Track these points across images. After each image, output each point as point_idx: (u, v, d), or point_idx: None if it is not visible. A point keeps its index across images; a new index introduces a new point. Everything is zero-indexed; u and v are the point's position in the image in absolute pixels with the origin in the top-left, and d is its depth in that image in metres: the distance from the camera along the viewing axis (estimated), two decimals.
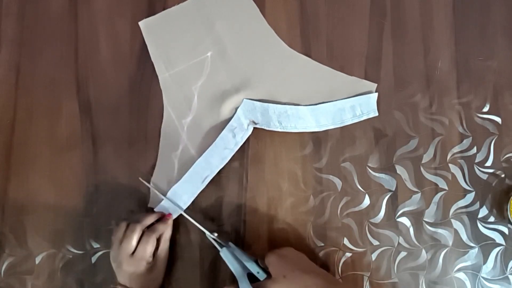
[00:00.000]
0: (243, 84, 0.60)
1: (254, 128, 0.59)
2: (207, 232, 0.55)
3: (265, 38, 0.61)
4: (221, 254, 0.54)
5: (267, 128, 0.59)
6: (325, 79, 0.60)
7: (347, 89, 0.60)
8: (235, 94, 0.60)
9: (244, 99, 0.59)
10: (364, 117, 0.59)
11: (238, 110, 0.59)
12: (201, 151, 0.59)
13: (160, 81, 0.61)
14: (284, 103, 0.60)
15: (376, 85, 0.60)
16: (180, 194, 0.58)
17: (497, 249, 0.58)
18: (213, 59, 0.61)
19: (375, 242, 0.58)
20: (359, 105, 0.59)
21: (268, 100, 0.60)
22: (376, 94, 0.60)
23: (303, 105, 0.59)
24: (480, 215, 0.58)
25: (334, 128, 0.60)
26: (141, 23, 0.62)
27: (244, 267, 0.53)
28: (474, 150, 0.59)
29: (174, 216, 0.58)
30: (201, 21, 0.62)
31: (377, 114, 0.59)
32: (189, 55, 0.61)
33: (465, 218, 0.58)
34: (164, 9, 0.62)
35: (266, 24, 0.61)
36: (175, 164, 0.59)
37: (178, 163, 0.59)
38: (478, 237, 0.58)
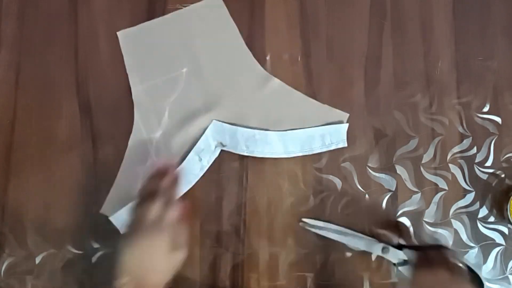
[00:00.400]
0: (215, 104, 0.60)
1: None
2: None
3: (242, 60, 0.61)
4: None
5: (234, 151, 0.58)
6: (298, 105, 0.60)
7: (319, 117, 0.59)
8: (206, 114, 0.59)
9: (214, 120, 0.58)
10: (333, 147, 0.59)
11: (207, 131, 0.58)
12: None
13: (132, 93, 0.60)
14: (255, 127, 0.59)
15: (348, 115, 0.59)
16: None
17: (497, 249, 0.58)
18: (187, 76, 0.60)
19: None
20: (329, 134, 0.58)
21: (239, 122, 0.59)
22: (347, 124, 0.59)
23: (273, 130, 0.59)
24: (480, 215, 0.58)
25: None
26: (119, 33, 0.61)
27: None
28: (474, 150, 0.59)
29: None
30: (179, 36, 0.61)
31: (346, 145, 0.59)
32: (165, 70, 0.60)
33: (465, 218, 0.58)
34: (163, 8, 0.62)
35: (244, 45, 0.61)
36: (139, 177, 0.58)
37: (142, 179, 0.57)
38: (478, 237, 0.58)
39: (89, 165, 0.60)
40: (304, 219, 0.58)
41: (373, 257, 0.58)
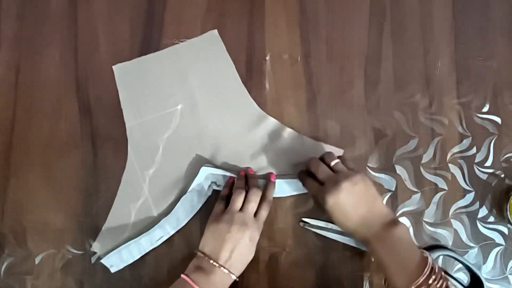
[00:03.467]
0: (209, 141, 0.59)
1: None
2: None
3: (237, 98, 0.60)
4: None
5: None
6: (293, 143, 0.59)
7: (314, 155, 0.57)
8: (201, 151, 0.59)
9: (203, 167, 0.57)
10: None
11: (199, 175, 0.57)
12: (161, 207, 0.58)
13: (126, 129, 0.60)
14: (248, 167, 0.58)
15: (343, 150, 0.59)
16: (131, 250, 0.57)
17: (497, 249, 0.58)
18: (182, 113, 0.60)
19: None
20: None
21: (233, 160, 0.59)
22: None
23: (265, 172, 0.58)
24: (479, 215, 0.58)
25: (334, 128, 0.60)
26: (115, 68, 0.61)
27: None
28: (474, 150, 0.59)
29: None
30: (175, 72, 0.60)
31: None
32: (159, 106, 0.60)
33: (465, 218, 0.58)
34: (163, 8, 0.62)
35: (241, 83, 0.60)
36: (131, 215, 0.58)
37: (135, 216, 0.58)
38: (478, 237, 0.58)
39: (89, 165, 0.60)
40: (304, 219, 0.58)
41: (373, 257, 0.58)
